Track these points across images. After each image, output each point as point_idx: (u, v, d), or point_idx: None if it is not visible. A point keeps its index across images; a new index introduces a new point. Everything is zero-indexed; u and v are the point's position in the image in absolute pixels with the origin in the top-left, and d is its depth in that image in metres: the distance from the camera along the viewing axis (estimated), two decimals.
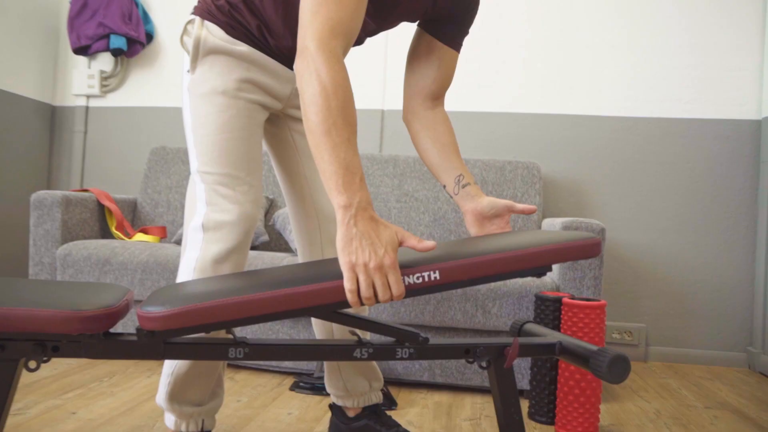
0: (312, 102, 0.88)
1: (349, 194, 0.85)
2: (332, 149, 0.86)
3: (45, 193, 2.18)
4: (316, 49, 0.90)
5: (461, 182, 1.21)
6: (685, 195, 2.53)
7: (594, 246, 0.96)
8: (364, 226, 0.84)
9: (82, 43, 2.79)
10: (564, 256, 0.94)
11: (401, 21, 1.19)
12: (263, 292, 0.85)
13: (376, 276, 0.82)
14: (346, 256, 0.83)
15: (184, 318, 0.82)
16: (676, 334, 2.52)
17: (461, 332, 1.93)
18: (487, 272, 0.91)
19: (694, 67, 2.54)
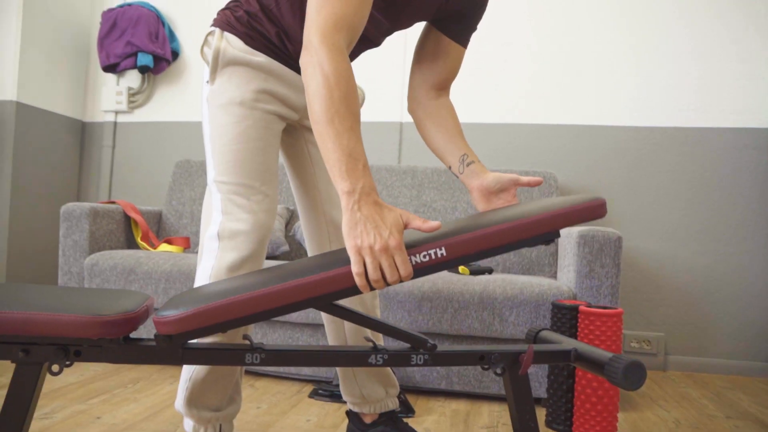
0: (315, 93, 0.91)
1: (352, 180, 0.87)
2: (336, 137, 0.89)
3: (74, 205, 2.25)
4: (319, 42, 0.92)
5: (465, 161, 1.22)
6: (702, 203, 2.51)
7: (599, 207, 0.94)
8: (368, 210, 0.86)
9: (111, 61, 2.88)
10: (570, 219, 0.93)
11: (415, 20, 1.21)
12: (267, 288, 0.88)
13: (382, 258, 0.84)
14: (351, 240, 0.85)
15: (196, 319, 0.86)
16: (695, 343, 2.48)
17: (479, 340, 1.94)
18: (494, 243, 0.91)
19: (707, 77, 2.52)
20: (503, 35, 2.71)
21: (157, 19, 2.90)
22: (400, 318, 1.93)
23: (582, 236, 1.88)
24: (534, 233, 0.93)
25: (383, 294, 1.94)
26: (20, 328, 0.84)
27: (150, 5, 2.93)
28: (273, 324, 2.08)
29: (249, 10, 1.16)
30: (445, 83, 1.30)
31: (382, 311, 1.94)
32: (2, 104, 2.71)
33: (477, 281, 1.93)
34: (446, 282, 1.94)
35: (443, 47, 1.26)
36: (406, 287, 1.93)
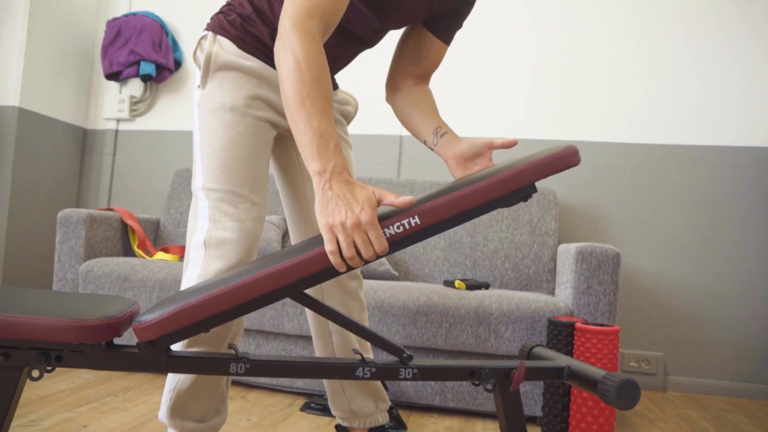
0: (287, 77, 0.91)
1: (323, 160, 0.87)
2: (307, 119, 0.89)
3: (71, 211, 2.25)
4: (291, 28, 0.93)
5: (439, 132, 1.22)
6: (703, 222, 2.49)
7: (571, 155, 0.92)
8: (339, 189, 0.85)
9: (114, 69, 2.89)
10: (543, 170, 0.91)
11: (407, 20, 1.20)
12: (241, 280, 0.87)
13: (355, 234, 0.83)
14: (323, 219, 0.85)
15: (173, 320, 0.84)
16: (695, 363, 2.45)
17: (474, 356, 1.92)
18: (468, 205, 0.89)
19: (710, 95, 2.52)
20: (504, 50, 2.72)
21: (160, 29, 2.91)
22: (395, 332, 1.91)
23: (580, 252, 1.86)
24: (508, 190, 0.91)
25: (378, 307, 1.92)
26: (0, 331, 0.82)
27: (154, 15, 2.95)
28: (266, 336, 2.06)
29: (242, 12, 1.15)
30: (425, 75, 1.31)
31: (377, 324, 1.92)
32: (5, 110, 2.72)
33: (473, 296, 1.91)
34: (442, 296, 1.92)
35: (426, 43, 1.27)
36: (400, 301, 1.91)
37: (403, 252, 2.48)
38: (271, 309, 2.00)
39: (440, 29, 1.26)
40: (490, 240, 2.42)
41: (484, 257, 2.40)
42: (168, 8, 3.06)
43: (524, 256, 2.37)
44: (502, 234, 2.42)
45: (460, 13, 1.26)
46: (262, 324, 2.01)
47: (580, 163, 2.59)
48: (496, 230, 2.43)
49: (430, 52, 1.27)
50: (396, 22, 1.19)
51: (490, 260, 2.40)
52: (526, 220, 2.41)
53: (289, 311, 1.98)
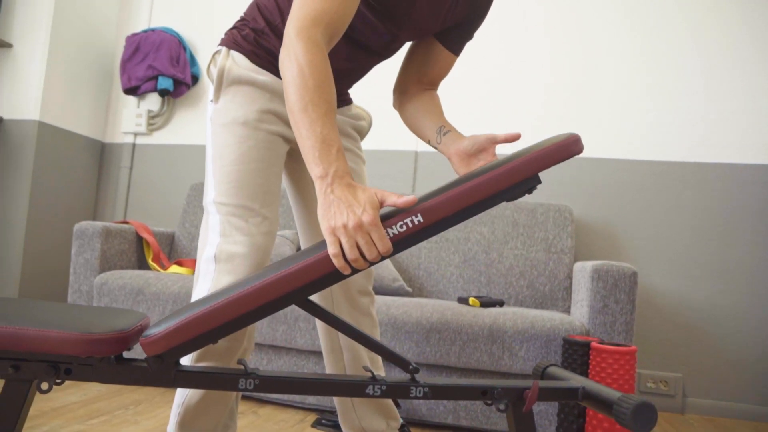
0: (290, 83, 0.92)
1: (325, 165, 0.87)
2: (309, 124, 0.89)
3: (87, 223, 2.27)
4: (296, 36, 0.94)
5: (442, 131, 1.21)
6: (723, 241, 2.44)
7: (574, 143, 0.91)
8: (340, 192, 0.85)
9: (132, 84, 2.93)
10: (546, 160, 0.90)
11: (419, 32, 1.20)
12: (245, 288, 0.87)
13: (357, 235, 0.82)
14: (325, 222, 0.84)
15: (180, 333, 0.84)
16: (716, 385, 2.39)
17: (487, 375, 1.89)
18: (472, 200, 0.88)
19: (732, 112, 2.48)
20: (519, 67, 2.71)
21: (178, 44, 2.95)
22: (408, 349, 1.89)
23: (596, 270, 1.84)
24: (511, 182, 0.89)
25: (391, 323, 1.90)
26: (9, 343, 0.82)
27: (173, 31, 2.99)
28: (279, 351, 2.05)
29: (255, 27, 1.16)
30: (433, 83, 1.31)
31: (389, 341, 1.90)
32: (25, 123, 2.76)
33: (487, 313, 1.89)
34: (455, 314, 1.90)
35: (435, 52, 1.27)
36: (414, 317, 1.89)
37: (417, 268, 2.47)
38: (284, 324, 1.99)
39: (450, 40, 1.26)
40: (505, 257, 2.39)
41: (499, 274, 2.38)
42: (186, 24, 3.11)
43: (539, 273, 2.34)
44: (517, 251, 2.40)
45: (472, 25, 1.26)
46: (275, 339, 2.00)
47: (596, 178, 2.56)
48: (511, 247, 2.40)
49: (438, 61, 1.28)
50: (408, 33, 1.19)
51: (504, 277, 2.37)
52: (541, 237, 2.39)
53: (301, 326, 1.97)
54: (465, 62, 2.77)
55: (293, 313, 1.98)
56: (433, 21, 1.18)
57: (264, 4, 1.17)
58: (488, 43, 2.75)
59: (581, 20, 2.67)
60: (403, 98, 1.31)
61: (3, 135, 2.79)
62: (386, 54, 1.24)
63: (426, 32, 1.22)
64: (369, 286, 1.32)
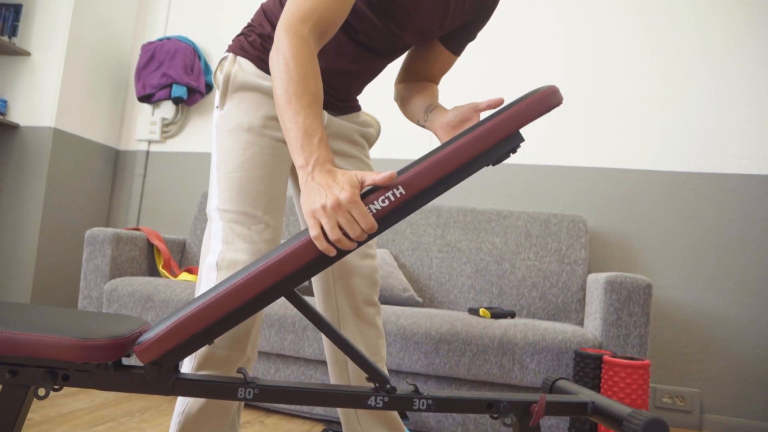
0: (276, 77, 0.93)
1: (306, 154, 0.87)
2: (293, 115, 0.89)
3: (98, 230, 2.28)
4: (283, 32, 0.95)
5: (429, 109, 1.21)
6: (740, 253, 2.39)
7: (552, 93, 0.88)
8: (320, 177, 0.85)
9: (147, 92, 2.96)
10: (525, 116, 0.87)
11: (422, 34, 1.20)
12: (232, 284, 0.85)
13: (338, 215, 0.82)
14: (305, 207, 0.85)
15: (171, 336, 0.82)
16: (734, 402, 2.32)
17: (497, 387, 1.85)
18: (452, 165, 0.86)
19: (751, 122, 2.43)
20: (533, 75, 2.69)
21: (193, 53, 2.97)
22: (416, 360, 1.86)
23: (609, 282, 1.80)
24: (491, 142, 0.86)
25: (400, 333, 1.88)
26: (6, 348, 0.81)
27: (187, 39, 3.01)
28: (286, 360, 2.03)
29: (262, 33, 1.16)
30: (432, 79, 1.32)
31: (398, 351, 1.88)
32: (41, 130, 2.80)
33: (497, 325, 1.86)
34: (465, 324, 1.87)
35: (435, 52, 1.28)
36: (423, 328, 1.87)
37: (428, 278, 2.44)
38: (292, 333, 1.97)
39: (452, 41, 1.27)
40: (517, 268, 2.36)
41: (511, 285, 2.34)
42: (201, 33, 3.13)
43: (552, 285, 2.31)
44: (529, 262, 2.36)
45: (475, 28, 1.26)
46: (282, 348, 1.98)
47: (610, 189, 2.52)
48: (523, 258, 2.37)
49: (438, 60, 1.29)
50: (411, 35, 1.19)
51: (516, 288, 2.34)
52: (554, 248, 2.35)
53: (309, 336, 1.96)
54: (480, 70, 2.75)
55: (301, 322, 1.97)
56: (437, 23, 1.18)
57: (270, 9, 1.17)
58: (504, 52, 2.74)
59: (595, 30, 2.64)
60: (402, 90, 1.32)
61: (19, 141, 2.82)
62: (393, 56, 1.23)
63: (430, 34, 1.21)
64: (375, 296, 1.30)
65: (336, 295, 1.26)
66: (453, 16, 1.18)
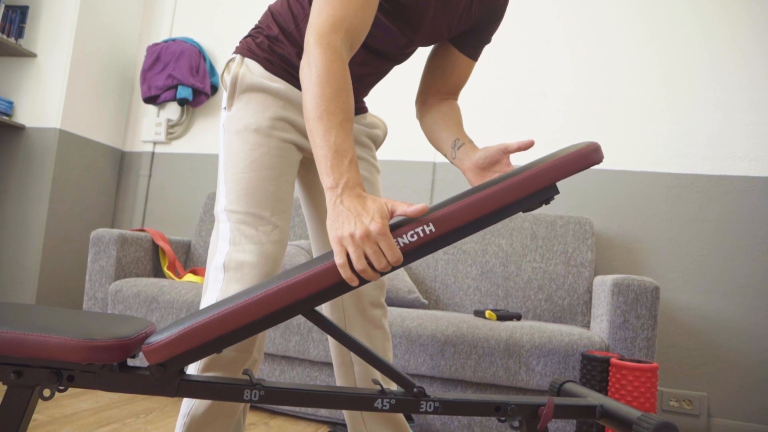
0: (307, 90, 0.90)
1: (336, 176, 0.85)
2: (324, 134, 0.87)
3: (103, 231, 2.27)
4: (315, 42, 0.92)
5: (457, 145, 1.19)
6: (749, 256, 2.37)
7: (594, 151, 0.86)
8: (350, 202, 0.83)
9: (152, 93, 2.96)
10: (564, 170, 0.86)
11: (433, 36, 1.19)
12: (250, 297, 0.84)
13: (365, 245, 0.80)
14: (333, 232, 0.82)
15: (182, 341, 0.82)
16: (743, 405, 2.30)
17: (503, 390, 1.84)
18: (485, 210, 0.85)
19: (757, 124, 2.42)
20: (539, 79, 2.68)
21: (199, 54, 2.97)
22: (422, 362, 1.85)
23: (616, 284, 1.79)
24: (527, 192, 0.86)
25: (405, 335, 1.87)
26: (11, 349, 0.81)
27: (193, 41, 3.01)
28: (292, 362, 2.03)
29: (269, 34, 1.15)
30: (453, 91, 1.30)
31: (404, 353, 1.87)
32: (46, 131, 2.80)
33: (503, 327, 1.85)
34: (471, 327, 1.86)
35: (453, 59, 1.26)
36: (429, 330, 1.86)
37: (434, 280, 2.43)
38: (297, 335, 1.97)
39: (467, 45, 1.25)
40: (523, 270, 2.35)
41: (517, 287, 2.33)
42: (207, 34, 3.13)
43: (558, 287, 2.29)
44: (536, 264, 2.35)
45: (487, 30, 1.25)
46: (288, 350, 1.98)
47: (617, 191, 2.51)
48: (529, 260, 2.36)
49: (456, 67, 1.26)
50: (422, 38, 1.18)
51: (522, 291, 2.32)
52: (561, 250, 2.34)
53: (315, 337, 1.95)
54: (487, 74, 2.74)
55: (306, 324, 1.96)
56: (447, 25, 1.17)
57: (278, 11, 1.17)
58: (510, 56, 2.73)
59: (601, 32, 2.63)
60: (424, 109, 1.30)
61: (25, 142, 2.83)
62: (401, 59, 1.22)
63: (440, 36, 1.20)
64: (381, 298, 1.30)
65: (342, 296, 1.26)
66: (461, 18, 1.17)
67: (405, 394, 0.95)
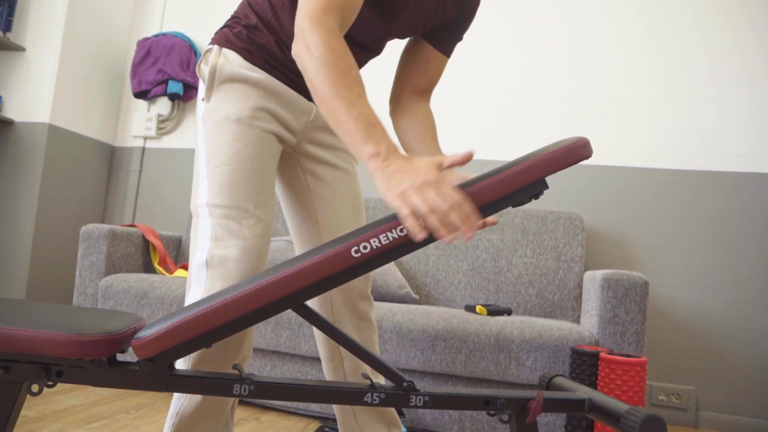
0: (316, 72, 0.88)
1: (374, 143, 0.84)
2: (347, 108, 0.86)
3: (93, 226, 2.26)
4: (310, 25, 0.91)
5: None
6: (737, 251, 2.39)
7: (582, 146, 0.87)
8: (399, 163, 0.82)
9: (143, 88, 2.94)
10: (552, 164, 0.86)
11: (410, 28, 1.20)
12: (240, 291, 0.84)
13: (427, 190, 0.78)
14: (390, 192, 0.80)
15: (171, 336, 0.81)
16: (730, 399, 2.33)
17: (494, 384, 1.85)
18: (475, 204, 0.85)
19: (750, 120, 2.44)
20: (535, 75, 2.68)
21: (189, 49, 2.96)
22: (413, 357, 1.86)
23: (606, 279, 1.80)
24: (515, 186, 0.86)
25: (396, 330, 1.87)
26: None
27: (183, 35, 3.00)
28: (283, 357, 2.03)
29: (248, 24, 1.14)
30: (427, 89, 1.31)
31: (394, 348, 1.87)
32: (36, 126, 2.78)
33: (494, 322, 1.86)
34: (462, 322, 1.86)
35: (426, 55, 1.28)
36: (419, 325, 1.86)
37: (425, 275, 2.44)
38: (288, 330, 1.97)
39: (440, 41, 1.27)
40: (514, 265, 2.36)
41: (508, 282, 2.34)
42: (197, 29, 3.11)
43: (549, 282, 2.31)
44: (526, 259, 2.36)
45: (460, 26, 1.27)
46: (279, 345, 1.98)
47: (608, 186, 2.52)
48: (520, 255, 2.37)
49: (430, 63, 1.28)
50: (399, 29, 1.19)
51: (513, 286, 2.34)
52: (551, 245, 2.35)
53: (306, 332, 1.95)
54: (482, 71, 2.75)
55: (298, 318, 1.96)
56: (423, 18, 1.19)
57: (255, 0, 1.16)
58: (506, 52, 2.73)
59: (596, 30, 2.64)
60: (398, 109, 1.31)
61: (14, 137, 2.80)
62: (377, 50, 1.24)
63: (415, 29, 1.22)
64: (368, 289, 1.30)
65: (331, 294, 1.25)
66: (436, 13, 1.20)
67: (395, 389, 0.96)
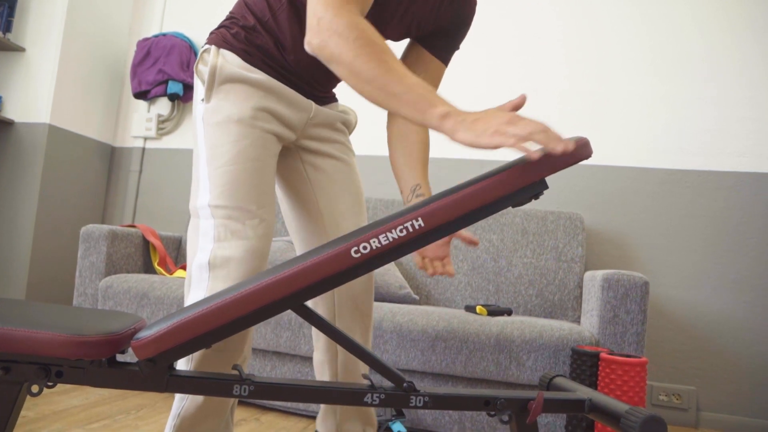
0: (356, 54, 0.87)
1: (441, 104, 0.83)
2: (400, 80, 0.85)
3: (93, 226, 2.26)
4: (333, 14, 0.89)
5: (416, 191, 1.22)
6: (737, 251, 2.39)
7: (583, 146, 0.86)
8: (473, 114, 0.82)
9: (143, 88, 2.94)
10: (552, 165, 0.86)
11: (402, 33, 1.21)
12: (239, 292, 0.84)
13: (517, 122, 0.78)
14: (483, 135, 0.79)
15: (171, 336, 0.81)
16: (731, 400, 2.33)
17: (494, 385, 1.85)
18: (474, 204, 0.86)
19: (750, 120, 2.43)
20: (534, 75, 2.68)
21: (189, 49, 2.96)
22: (413, 357, 1.86)
23: (606, 280, 1.80)
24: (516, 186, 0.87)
25: (396, 331, 1.87)
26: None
27: (183, 36, 3.00)
28: (283, 357, 2.03)
29: (245, 25, 1.13)
30: None
31: (394, 348, 1.87)
32: (36, 126, 2.78)
33: (494, 322, 1.86)
34: (462, 322, 1.86)
35: (424, 62, 1.28)
36: (419, 325, 1.86)
37: (425, 275, 2.44)
38: (288, 330, 1.97)
39: (437, 48, 1.27)
40: (514, 265, 2.36)
41: (508, 282, 2.34)
42: (197, 29, 3.11)
43: (549, 282, 2.30)
44: (526, 259, 2.36)
45: (456, 34, 1.27)
46: (279, 345, 1.98)
47: (608, 186, 2.52)
48: (520, 255, 2.37)
49: (428, 70, 1.28)
50: (392, 31, 1.19)
51: (513, 286, 2.33)
52: (551, 245, 2.35)
53: (306, 333, 1.95)
54: (480, 71, 2.75)
55: (298, 319, 1.96)
56: (417, 21, 1.19)
57: (253, 1, 1.15)
58: (504, 52, 2.73)
59: (596, 29, 2.64)
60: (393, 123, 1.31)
61: (14, 138, 2.80)
62: None
63: (408, 32, 1.22)
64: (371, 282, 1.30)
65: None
66: (430, 16, 1.20)
67: (395, 389, 0.96)
